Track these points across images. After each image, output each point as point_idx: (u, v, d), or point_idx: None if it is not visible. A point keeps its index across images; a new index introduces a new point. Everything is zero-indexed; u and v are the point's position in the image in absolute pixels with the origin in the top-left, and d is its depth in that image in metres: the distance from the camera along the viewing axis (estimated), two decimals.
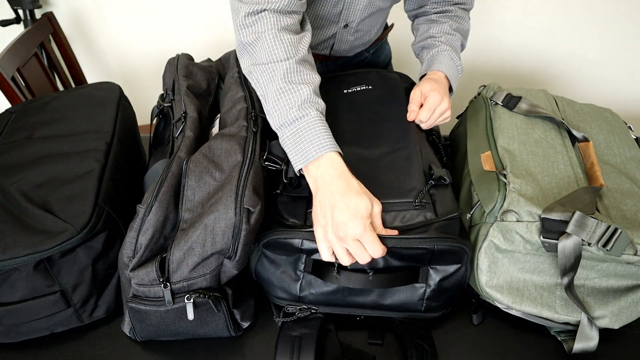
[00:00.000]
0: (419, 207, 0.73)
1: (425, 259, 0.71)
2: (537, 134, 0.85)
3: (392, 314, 0.76)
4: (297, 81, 0.74)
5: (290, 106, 0.72)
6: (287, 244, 0.70)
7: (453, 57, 0.99)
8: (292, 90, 0.73)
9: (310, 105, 0.72)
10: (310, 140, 0.70)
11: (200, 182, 0.70)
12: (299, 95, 0.72)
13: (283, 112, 0.72)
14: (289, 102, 0.72)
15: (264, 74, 0.75)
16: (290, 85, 0.73)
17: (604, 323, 0.73)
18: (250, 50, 0.79)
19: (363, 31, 1.06)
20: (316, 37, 1.05)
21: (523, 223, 0.69)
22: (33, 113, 0.92)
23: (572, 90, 2.02)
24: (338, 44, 1.07)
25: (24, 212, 0.70)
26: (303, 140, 0.70)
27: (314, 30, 1.03)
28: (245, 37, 0.78)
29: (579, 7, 1.82)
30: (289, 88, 0.73)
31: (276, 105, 0.73)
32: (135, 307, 0.68)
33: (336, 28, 1.03)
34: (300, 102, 0.72)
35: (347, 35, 1.05)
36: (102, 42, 1.92)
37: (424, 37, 1.05)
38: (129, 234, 0.67)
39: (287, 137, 0.72)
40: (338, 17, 1.00)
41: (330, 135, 0.71)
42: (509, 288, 0.73)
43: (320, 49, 1.09)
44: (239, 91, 0.87)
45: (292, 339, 0.70)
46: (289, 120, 0.72)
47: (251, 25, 0.77)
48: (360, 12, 0.99)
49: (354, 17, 1.00)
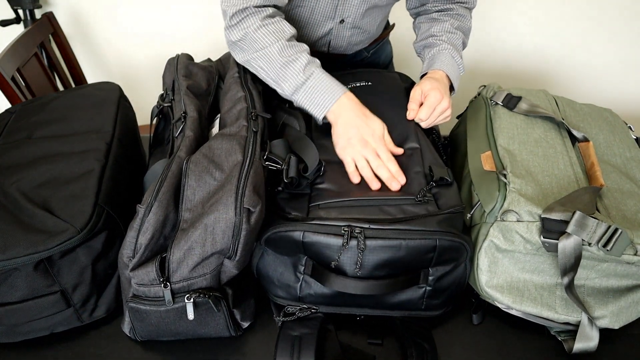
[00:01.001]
0: (421, 203, 0.73)
1: (427, 259, 0.71)
2: (537, 134, 0.85)
3: (393, 313, 0.76)
4: (292, 53, 0.85)
5: (296, 73, 0.84)
6: (288, 237, 0.70)
7: (454, 56, 0.99)
8: (291, 61, 0.84)
9: (312, 66, 0.85)
10: (323, 92, 0.83)
11: (200, 182, 0.70)
12: (299, 62, 0.84)
13: (292, 80, 0.84)
14: (293, 70, 0.84)
15: (260, 59, 0.86)
16: (288, 58, 0.84)
17: (604, 323, 0.73)
18: (240, 46, 0.89)
19: (361, 28, 1.06)
20: (313, 33, 1.05)
21: (523, 223, 0.69)
22: (33, 113, 0.92)
23: (572, 90, 2.02)
24: (335, 41, 1.08)
25: (24, 212, 0.70)
26: (317, 94, 0.83)
27: (310, 26, 1.04)
28: (233, 36, 0.88)
29: (579, 7, 1.82)
30: (288, 60, 0.84)
31: (283, 76, 0.85)
32: (135, 306, 0.67)
33: (332, 23, 1.03)
34: (302, 66, 0.84)
35: (343, 31, 1.05)
36: (102, 42, 1.92)
37: (426, 35, 1.05)
38: (128, 234, 0.67)
39: (302, 97, 0.85)
40: (334, 12, 1.00)
41: (337, 82, 0.85)
42: (509, 288, 0.73)
43: (319, 46, 1.09)
44: (239, 91, 0.87)
45: (292, 339, 0.70)
46: (298, 83, 0.84)
47: (237, 25, 0.87)
48: (355, 8, 1.00)
49: (350, 13, 1.01)
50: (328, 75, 0.85)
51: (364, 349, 0.74)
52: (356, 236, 0.67)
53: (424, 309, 0.75)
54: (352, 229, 0.68)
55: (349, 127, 0.81)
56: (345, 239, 0.67)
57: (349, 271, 0.70)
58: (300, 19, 1.02)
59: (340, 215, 0.70)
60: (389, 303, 0.74)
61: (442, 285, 0.74)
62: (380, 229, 0.68)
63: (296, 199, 0.75)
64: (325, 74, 0.85)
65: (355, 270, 0.69)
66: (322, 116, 0.84)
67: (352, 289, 0.70)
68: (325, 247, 0.69)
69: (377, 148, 0.80)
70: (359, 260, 0.68)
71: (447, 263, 0.73)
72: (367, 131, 0.81)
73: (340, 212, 0.71)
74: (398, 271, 0.71)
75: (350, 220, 0.69)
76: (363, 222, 0.68)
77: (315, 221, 0.69)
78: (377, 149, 0.80)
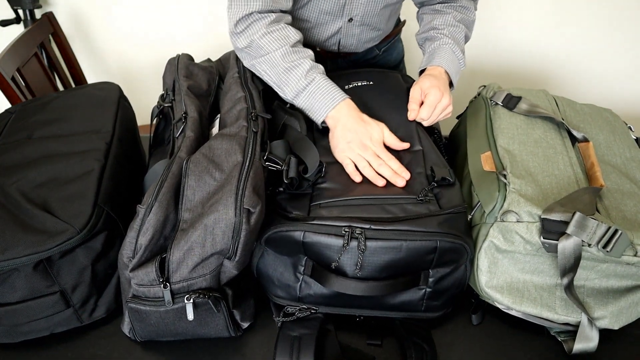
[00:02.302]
0: (423, 202, 0.73)
1: (428, 261, 0.70)
2: (537, 134, 0.85)
3: (392, 314, 0.76)
4: (295, 58, 0.87)
5: (298, 78, 0.86)
6: (289, 237, 0.70)
7: (455, 51, 0.99)
8: (294, 66, 0.86)
9: (314, 71, 0.87)
10: (323, 97, 0.85)
11: (200, 182, 0.70)
12: (302, 68, 0.86)
13: (293, 84, 0.86)
14: (296, 75, 0.86)
15: (265, 64, 0.88)
16: (291, 63, 0.86)
17: (604, 324, 0.73)
18: (247, 52, 0.90)
19: (370, 25, 1.06)
20: (322, 33, 1.05)
21: (523, 223, 0.69)
22: (33, 113, 0.92)
23: (572, 90, 2.02)
24: (345, 39, 1.07)
25: (23, 212, 0.70)
26: (318, 99, 0.85)
27: (319, 26, 1.03)
28: (240, 44, 0.90)
29: (579, 7, 1.82)
30: (291, 65, 0.86)
31: (286, 81, 0.87)
32: (135, 307, 0.67)
33: (341, 22, 1.03)
34: (305, 72, 0.86)
35: (352, 29, 1.05)
36: (102, 42, 1.92)
37: (427, 28, 1.04)
38: (128, 234, 0.67)
39: (302, 101, 0.87)
40: (342, 11, 1.00)
41: (338, 89, 0.86)
42: (509, 289, 0.73)
43: (328, 46, 1.09)
44: (239, 91, 0.87)
45: (292, 339, 0.70)
46: (300, 88, 0.86)
47: (243, 32, 0.88)
48: (363, 5, 1.00)
49: (358, 11, 1.01)
50: (329, 82, 0.87)
51: (363, 350, 0.74)
52: (357, 237, 0.67)
53: (424, 310, 0.75)
54: (352, 230, 0.68)
55: (348, 131, 0.82)
56: (346, 239, 0.67)
57: (349, 272, 0.70)
58: (308, 18, 1.02)
59: (342, 214, 0.70)
60: (388, 304, 0.74)
61: (442, 287, 0.74)
62: (381, 230, 0.68)
63: (297, 198, 0.75)
64: (327, 80, 0.87)
65: (355, 271, 0.69)
66: (321, 120, 0.86)
67: (352, 289, 0.70)
68: (326, 248, 0.69)
69: (377, 150, 0.81)
70: (359, 261, 0.68)
71: (447, 264, 0.73)
72: (366, 135, 0.82)
73: (342, 211, 0.71)
74: (398, 272, 0.71)
75: (351, 220, 0.69)
76: (364, 222, 0.68)
77: (316, 221, 0.69)
78: (376, 151, 0.80)
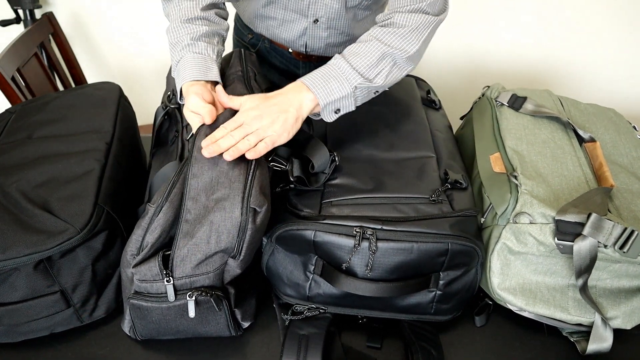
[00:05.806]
0: (435, 203, 0.72)
1: (439, 263, 0.70)
2: (545, 135, 0.85)
3: (402, 316, 0.75)
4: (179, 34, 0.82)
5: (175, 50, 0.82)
6: (300, 235, 0.69)
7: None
8: (176, 42, 0.82)
9: (186, 50, 0.81)
10: (180, 72, 0.80)
11: (202, 169, 0.69)
12: (180, 44, 0.81)
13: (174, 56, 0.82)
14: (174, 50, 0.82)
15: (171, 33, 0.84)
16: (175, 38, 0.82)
17: (616, 324, 0.72)
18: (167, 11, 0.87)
19: (337, 29, 1.03)
20: (289, 31, 1.04)
21: (536, 225, 0.69)
22: (33, 113, 0.92)
23: (573, 90, 2.02)
24: (312, 41, 1.05)
25: (24, 212, 0.69)
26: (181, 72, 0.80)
27: (285, 24, 1.02)
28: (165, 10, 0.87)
29: (581, 7, 1.82)
30: (175, 41, 0.82)
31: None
32: (137, 303, 0.67)
33: (306, 23, 1.01)
34: (181, 47, 0.81)
35: (319, 31, 1.03)
36: (102, 42, 1.91)
37: None
38: (135, 232, 0.67)
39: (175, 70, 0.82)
40: (307, 11, 0.99)
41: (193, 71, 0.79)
42: (522, 290, 0.72)
43: (296, 47, 1.07)
44: (242, 90, 0.86)
45: (300, 338, 0.70)
46: (175, 61, 0.82)
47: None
48: (327, 7, 0.97)
49: (323, 12, 0.98)
50: (196, 60, 0.80)
51: (364, 352, 0.73)
52: (368, 237, 0.66)
53: (433, 313, 0.74)
54: (364, 230, 0.67)
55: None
56: (357, 240, 0.66)
57: (359, 272, 0.69)
58: (275, 16, 1.01)
59: (353, 213, 0.70)
60: (398, 306, 0.73)
61: (452, 290, 0.73)
62: (392, 231, 0.67)
63: (308, 195, 0.75)
64: (194, 58, 0.80)
65: (365, 272, 0.68)
66: (179, 86, 0.80)
67: (362, 290, 0.69)
68: (337, 248, 0.68)
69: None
70: (369, 261, 0.67)
71: (458, 267, 0.72)
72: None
73: (353, 210, 0.70)
74: (409, 274, 0.70)
75: (363, 219, 0.68)
76: (375, 222, 0.68)
77: (327, 220, 0.68)
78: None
